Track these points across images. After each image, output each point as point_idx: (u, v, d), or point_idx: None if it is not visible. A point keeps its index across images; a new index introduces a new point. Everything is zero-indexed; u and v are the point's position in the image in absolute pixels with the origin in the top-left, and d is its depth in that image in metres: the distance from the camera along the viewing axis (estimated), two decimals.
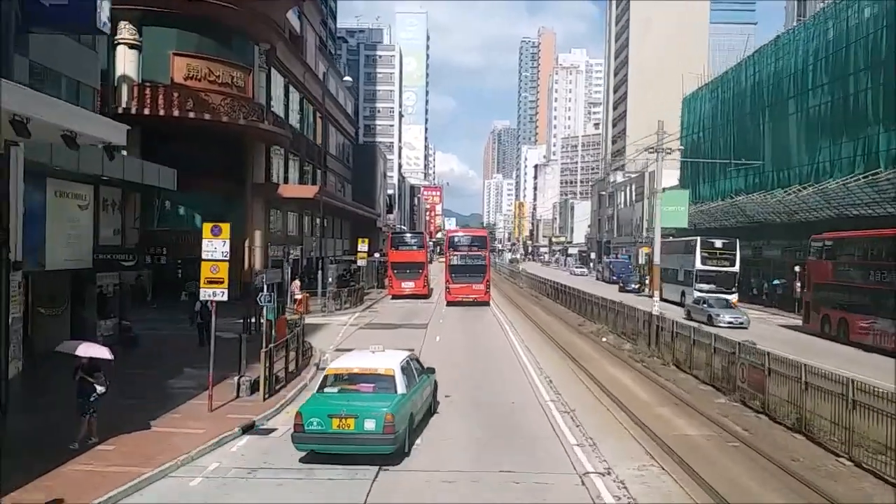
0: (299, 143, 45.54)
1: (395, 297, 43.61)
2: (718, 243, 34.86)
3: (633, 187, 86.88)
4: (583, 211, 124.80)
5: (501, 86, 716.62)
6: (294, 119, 45.62)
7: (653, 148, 25.68)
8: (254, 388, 14.78)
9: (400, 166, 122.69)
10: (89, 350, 10.42)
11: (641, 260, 72.07)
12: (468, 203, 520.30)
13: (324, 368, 18.95)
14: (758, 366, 14.01)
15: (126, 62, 32.84)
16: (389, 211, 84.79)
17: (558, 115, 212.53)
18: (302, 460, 10.85)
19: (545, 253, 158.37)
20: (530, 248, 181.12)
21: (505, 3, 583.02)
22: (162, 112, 32.12)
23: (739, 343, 15.24)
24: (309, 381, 17.01)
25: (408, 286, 43.59)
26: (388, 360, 11.93)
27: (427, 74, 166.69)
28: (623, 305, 26.28)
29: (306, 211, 46.95)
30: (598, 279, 75.56)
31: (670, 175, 73.96)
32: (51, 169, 16.09)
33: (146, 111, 31.98)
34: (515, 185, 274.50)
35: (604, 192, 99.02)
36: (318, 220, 51.26)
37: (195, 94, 33.46)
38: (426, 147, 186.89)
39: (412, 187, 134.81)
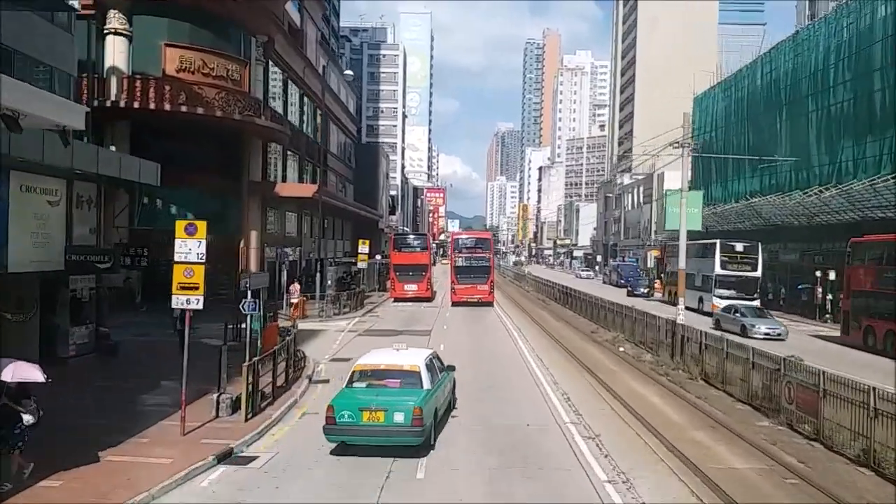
0: (298, 141, 43.93)
1: (397, 299, 42.23)
2: (739, 247, 32.84)
3: (641, 189, 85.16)
4: (588, 213, 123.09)
5: (504, 87, 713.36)
6: (293, 115, 44.00)
7: (677, 142, 23.94)
8: (235, 406, 13.08)
9: (403, 167, 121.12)
10: (18, 371, 8.69)
11: (650, 263, 70.38)
12: (471, 205, 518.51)
13: (318, 382, 17.36)
14: (809, 386, 12.27)
15: (116, 53, 31.20)
16: (392, 212, 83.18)
17: (563, 116, 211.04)
18: (333, 452, 11.21)
19: (549, 255, 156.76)
20: (534, 251, 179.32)
21: (508, 3, 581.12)
22: (153, 105, 30.48)
23: (784, 359, 13.49)
24: (300, 397, 15.32)
25: (410, 289, 42.19)
26: (413, 358, 12.40)
27: (431, 75, 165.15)
28: (641, 312, 24.52)
29: (305, 211, 45.30)
30: (605, 282, 73.88)
31: (678, 177, 72.33)
32: (14, 160, 14.47)
33: (136, 104, 30.34)
34: (519, 187, 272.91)
35: (610, 195, 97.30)
36: (317, 221, 49.73)
37: (188, 87, 31.84)
38: (430, 149, 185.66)
39: (415, 188, 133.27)
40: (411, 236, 48.47)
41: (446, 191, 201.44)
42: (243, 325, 22.37)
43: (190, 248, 11.71)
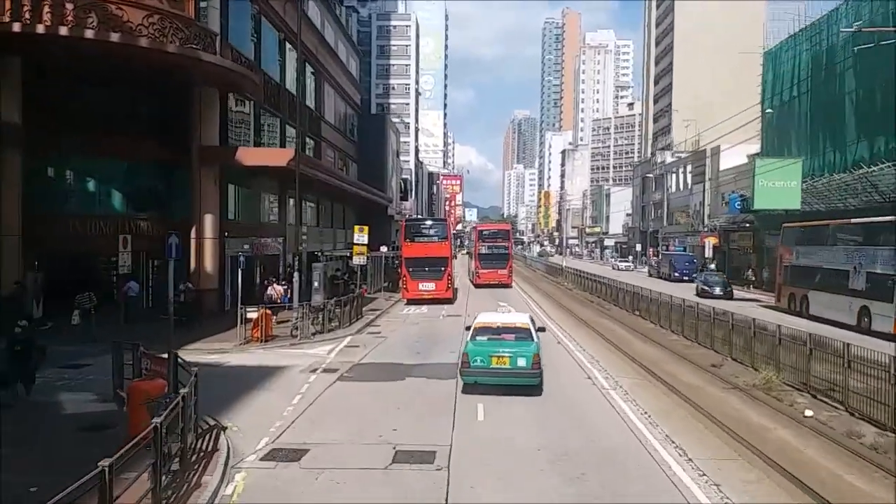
0: (278, 99, 33.86)
1: (410, 301, 32.93)
2: None
3: (689, 168, 74.28)
4: (620, 198, 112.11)
5: (520, 77, 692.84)
6: (271, 66, 33.85)
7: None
8: None
9: (417, 150, 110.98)
10: None
11: (708, 252, 59.74)
12: (487, 195, 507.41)
13: None
14: None
15: None
16: (404, 198, 72.79)
17: (586, 98, 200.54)
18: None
19: (575, 245, 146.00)
20: (557, 240, 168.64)
21: None
22: (41, 28, 20.66)
23: None
24: None
25: (427, 288, 33.02)
26: (522, 318, 15.46)
27: (446, 56, 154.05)
28: (833, 347, 13.98)
29: (290, 191, 35.52)
30: (651, 275, 63.62)
31: (739, 152, 61.95)
32: None
33: (17, 27, 20.54)
34: (538, 173, 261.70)
35: (649, 175, 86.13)
36: (310, 204, 39.91)
37: (100, 7, 21.89)
38: (445, 134, 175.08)
39: (430, 174, 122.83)
40: (428, 222, 38.31)
41: (463, 178, 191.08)
42: (145, 369, 12.72)
43: None
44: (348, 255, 38.52)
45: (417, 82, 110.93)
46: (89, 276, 23.84)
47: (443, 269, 33.34)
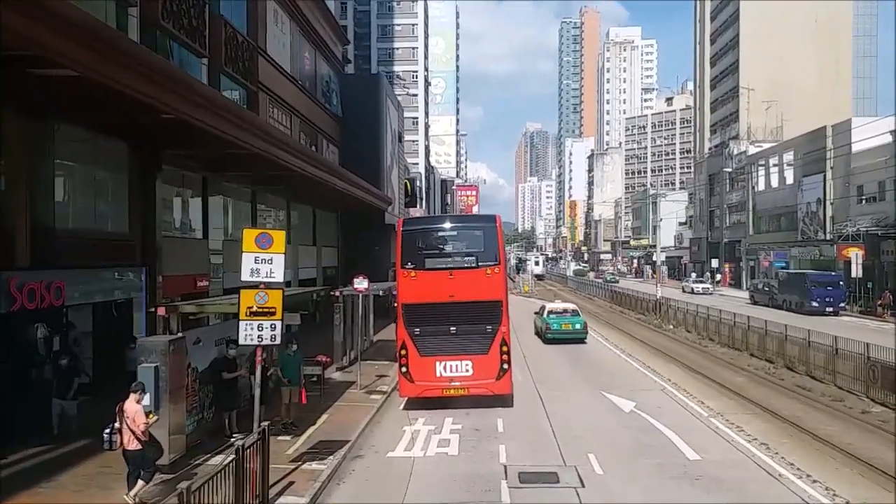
0: None
1: (410, 402, 14.58)
2: None
3: (790, 158, 55.36)
4: (668, 204, 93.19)
5: (531, 94, 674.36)
6: None
7: None
8: None
9: (427, 151, 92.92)
10: None
11: (856, 270, 40.89)
12: (499, 211, 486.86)
13: None
14: None
15: None
16: (411, 203, 53.88)
17: (611, 98, 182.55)
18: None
19: (606, 260, 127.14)
20: (586, 255, 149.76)
21: (533, 11, 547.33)
22: None
23: None
24: None
25: (453, 373, 14.85)
26: (572, 305, 29.07)
27: (457, 57, 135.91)
28: None
29: (227, 176, 17.40)
30: (756, 302, 45.17)
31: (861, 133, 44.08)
32: None
33: None
34: (557, 184, 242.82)
35: (727, 169, 67.12)
36: (226, 199, 21.87)
37: None
38: (458, 142, 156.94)
39: (444, 182, 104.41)
40: (448, 225, 19.05)
41: (479, 190, 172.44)
42: None
43: None
44: (312, 296, 20.15)
45: (427, 69, 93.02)
46: None
47: (489, 328, 14.80)
